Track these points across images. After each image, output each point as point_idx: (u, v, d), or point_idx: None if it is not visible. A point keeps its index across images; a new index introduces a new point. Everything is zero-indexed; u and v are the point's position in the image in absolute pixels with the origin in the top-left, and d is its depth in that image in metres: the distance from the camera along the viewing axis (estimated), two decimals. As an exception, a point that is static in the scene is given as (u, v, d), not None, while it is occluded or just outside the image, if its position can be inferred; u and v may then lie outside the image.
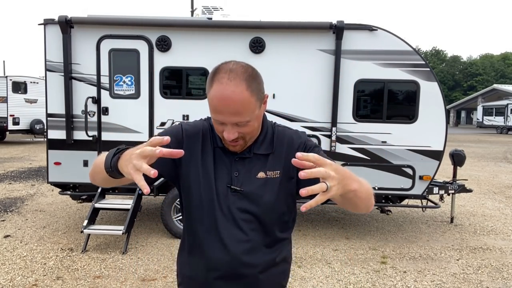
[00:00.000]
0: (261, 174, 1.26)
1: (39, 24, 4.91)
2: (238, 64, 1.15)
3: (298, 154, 0.95)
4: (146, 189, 0.96)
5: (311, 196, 0.97)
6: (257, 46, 4.86)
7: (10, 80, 15.63)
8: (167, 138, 1.00)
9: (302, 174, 0.92)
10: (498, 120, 34.28)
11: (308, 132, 4.93)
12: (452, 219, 6.01)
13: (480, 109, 38.55)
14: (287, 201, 1.31)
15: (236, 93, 1.10)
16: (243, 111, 1.12)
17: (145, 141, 1.08)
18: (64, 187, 5.17)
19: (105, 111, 4.95)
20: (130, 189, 5.03)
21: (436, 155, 4.93)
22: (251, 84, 1.12)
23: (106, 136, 4.97)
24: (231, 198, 1.25)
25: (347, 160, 4.94)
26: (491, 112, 36.03)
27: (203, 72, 4.95)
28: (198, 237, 1.29)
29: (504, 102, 34.54)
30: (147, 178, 1.01)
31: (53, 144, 4.98)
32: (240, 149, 1.25)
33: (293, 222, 1.39)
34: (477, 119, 39.52)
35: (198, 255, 1.30)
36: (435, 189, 5.30)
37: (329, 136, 4.91)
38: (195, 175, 1.27)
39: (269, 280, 1.31)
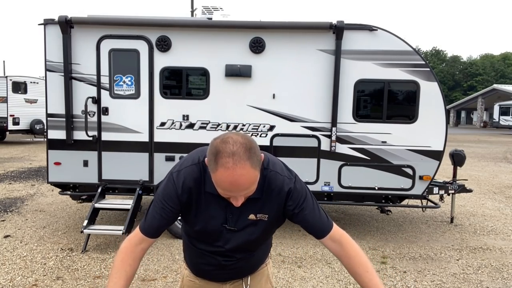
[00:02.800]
0: (251, 216, 1.42)
1: (39, 24, 4.91)
2: (237, 143, 1.20)
3: None
4: None
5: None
6: (257, 46, 4.86)
7: (10, 80, 15.62)
8: None
9: None
10: None
11: (308, 132, 4.93)
12: (452, 219, 6.01)
13: (496, 108, 36.58)
14: (272, 232, 1.57)
15: (244, 175, 1.19)
16: (251, 186, 1.25)
17: (146, 141, 1.15)
18: (64, 187, 5.16)
19: (105, 111, 4.95)
20: (130, 189, 5.03)
21: (436, 155, 4.93)
22: (253, 159, 1.20)
23: (106, 136, 4.97)
24: (225, 234, 1.45)
25: (347, 160, 4.94)
26: (505, 112, 33.35)
27: (203, 72, 4.95)
28: (198, 245, 1.55)
29: None
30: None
31: (53, 144, 4.98)
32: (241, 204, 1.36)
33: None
34: (493, 119, 37.67)
35: (193, 265, 1.62)
36: (435, 189, 5.30)
37: (329, 136, 4.91)
38: (194, 218, 1.45)
39: (253, 263, 1.63)
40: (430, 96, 4.87)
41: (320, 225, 1.42)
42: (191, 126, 4.97)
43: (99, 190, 4.91)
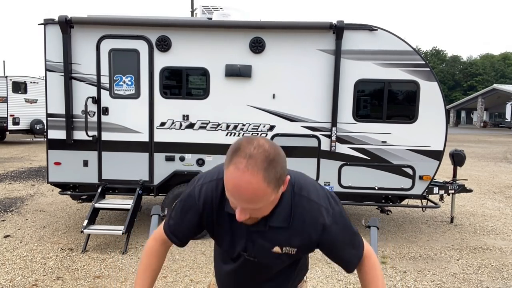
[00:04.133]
0: (276, 249, 1.23)
1: (39, 24, 4.91)
2: (260, 148, 1.04)
3: None
4: None
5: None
6: (257, 46, 4.86)
7: (10, 80, 15.62)
8: None
9: None
10: None
11: (308, 132, 4.93)
12: (452, 219, 6.01)
13: (509, 107, 34.74)
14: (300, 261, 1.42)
15: (252, 184, 1.02)
16: (257, 201, 1.06)
17: (146, 141, 1.13)
18: (64, 187, 5.16)
19: (105, 111, 4.95)
20: (130, 189, 5.03)
21: (436, 155, 4.93)
22: (270, 173, 1.03)
23: (106, 136, 4.97)
24: (245, 261, 1.31)
25: (347, 160, 4.94)
26: None
27: (203, 72, 4.95)
28: (218, 268, 1.50)
29: None
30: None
31: (53, 144, 4.98)
32: (251, 223, 1.21)
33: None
34: (505, 119, 35.91)
35: (217, 276, 1.53)
36: (435, 189, 5.30)
37: (329, 136, 4.91)
38: (218, 236, 1.34)
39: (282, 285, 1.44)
40: (430, 96, 4.87)
41: (354, 258, 1.29)
42: (191, 126, 4.97)
43: (99, 190, 4.91)
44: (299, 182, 1.22)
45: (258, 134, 4.88)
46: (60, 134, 4.93)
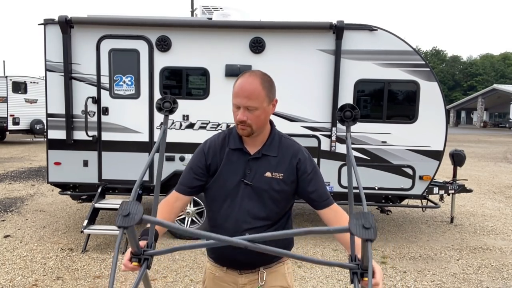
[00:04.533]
0: (267, 174, 1.58)
1: (39, 24, 4.91)
2: (258, 71, 1.55)
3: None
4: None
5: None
6: (257, 46, 4.86)
7: (10, 80, 15.62)
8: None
9: None
10: None
11: (308, 132, 4.93)
12: (452, 219, 6.01)
13: None
14: (286, 195, 1.62)
15: (252, 83, 1.48)
16: (254, 97, 1.48)
17: (146, 141, 1.15)
18: (64, 187, 5.16)
19: (105, 111, 4.95)
20: (130, 189, 5.03)
21: (436, 155, 4.93)
22: (264, 83, 1.51)
23: (106, 136, 4.97)
24: (243, 189, 1.58)
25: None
26: None
27: (203, 72, 4.95)
28: (216, 213, 1.64)
29: None
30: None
31: (53, 144, 4.97)
32: (247, 134, 1.55)
33: (290, 209, 1.71)
34: (509, 119, 34.79)
35: (217, 226, 1.64)
36: (435, 189, 5.30)
37: (329, 136, 4.91)
38: (218, 173, 1.61)
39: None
40: (430, 96, 4.87)
41: (327, 194, 1.61)
42: (191, 126, 4.97)
43: (99, 190, 4.92)
44: (285, 134, 1.69)
45: (258, 134, 4.87)
46: (60, 134, 4.93)
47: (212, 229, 1.63)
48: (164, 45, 4.87)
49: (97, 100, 4.92)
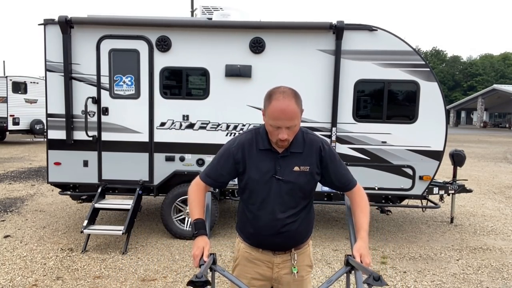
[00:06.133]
0: (296, 168, 1.78)
1: (39, 24, 4.91)
2: (287, 88, 1.70)
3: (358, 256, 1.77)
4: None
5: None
6: (257, 46, 4.86)
7: (10, 80, 15.62)
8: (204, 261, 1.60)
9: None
10: None
11: (308, 132, 4.93)
12: (452, 219, 6.01)
13: None
14: (311, 185, 1.85)
15: (290, 105, 1.64)
16: (294, 117, 1.66)
17: (146, 141, 1.19)
18: (64, 187, 5.16)
19: (105, 111, 4.95)
20: (130, 189, 5.03)
21: (436, 155, 4.93)
22: (297, 100, 1.69)
23: (106, 136, 4.97)
24: (274, 184, 1.78)
25: (347, 160, 4.93)
26: None
27: (203, 72, 4.95)
28: (252, 206, 1.83)
29: None
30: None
31: (53, 144, 4.98)
32: (287, 146, 1.75)
33: (313, 195, 1.94)
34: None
35: (253, 220, 1.84)
36: (435, 189, 5.30)
37: (329, 136, 4.91)
38: (249, 170, 1.79)
39: (300, 230, 1.86)
40: (430, 96, 4.87)
41: (350, 177, 1.86)
42: (191, 126, 4.97)
43: (99, 190, 4.92)
44: (306, 129, 1.90)
45: (258, 134, 4.87)
46: (60, 134, 4.93)
47: (248, 221, 1.85)
48: (164, 45, 4.87)
49: (97, 100, 4.92)
